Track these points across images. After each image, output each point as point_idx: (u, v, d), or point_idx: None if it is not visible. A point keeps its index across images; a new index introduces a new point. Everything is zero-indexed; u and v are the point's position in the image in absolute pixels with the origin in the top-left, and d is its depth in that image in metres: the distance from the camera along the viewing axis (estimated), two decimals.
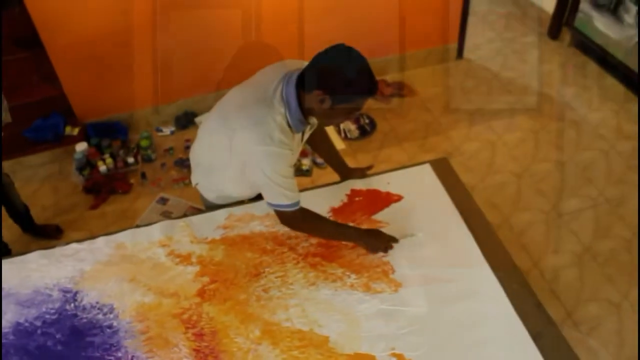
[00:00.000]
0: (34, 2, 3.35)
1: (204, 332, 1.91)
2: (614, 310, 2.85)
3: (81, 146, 3.77)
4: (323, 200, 2.34)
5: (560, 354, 1.80)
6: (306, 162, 3.72)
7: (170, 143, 4.02)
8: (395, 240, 2.11)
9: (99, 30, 3.58)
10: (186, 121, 4.12)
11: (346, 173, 2.44)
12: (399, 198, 2.33)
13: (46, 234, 3.38)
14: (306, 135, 2.11)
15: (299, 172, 3.69)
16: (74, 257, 2.16)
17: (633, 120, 3.98)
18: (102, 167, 3.74)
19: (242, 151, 1.89)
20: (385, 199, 2.33)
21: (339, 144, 3.91)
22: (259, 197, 2.33)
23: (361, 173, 2.43)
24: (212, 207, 2.37)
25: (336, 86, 1.74)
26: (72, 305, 2.01)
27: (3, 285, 2.06)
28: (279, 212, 2.01)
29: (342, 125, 4.02)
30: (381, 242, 2.09)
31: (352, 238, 2.11)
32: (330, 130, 4.02)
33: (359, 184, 2.40)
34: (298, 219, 2.03)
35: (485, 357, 1.79)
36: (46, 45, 3.56)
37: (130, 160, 3.83)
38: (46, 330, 1.94)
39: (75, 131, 3.93)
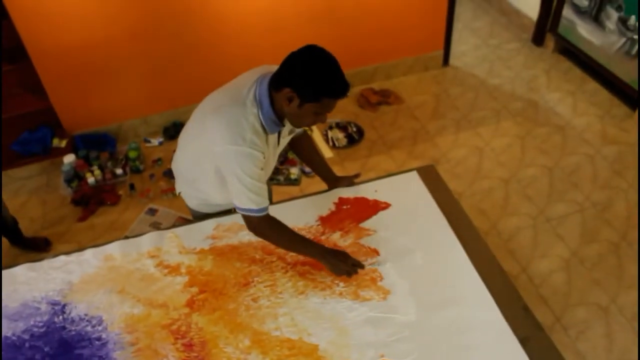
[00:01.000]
0: (20, 14, 3.35)
1: (193, 342, 1.91)
2: (602, 314, 2.87)
3: (69, 158, 3.76)
4: (311, 209, 2.35)
5: (548, 358, 1.81)
6: (295, 171, 3.73)
7: (158, 154, 4.02)
8: (361, 266, 2.04)
9: (85, 41, 3.58)
10: (174, 132, 4.12)
11: (334, 182, 2.45)
12: (386, 206, 2.34)
13: (35, 247, 3.36)
14: (284, 140, 2.11)
15: (288, 180, 3.69)
16: (62, 270, 2.16)
17: (617, 125, 4.02)
18: (91, 179, 3.73)
19: (215, 152, 1.88)
20: (373, 207, 2.34)
21: (327, 152, 3.93)
22: None
23: (349, 181, 2.44)
24: (198, 215, 2.38)
25: (304, 84, 1.75)
26: (61, 317, 2.00)
27: None
28: (245, 217, 1.98)
29: (330, 134, 4.04)
30: (345, 265, 2.00)
31: (316, 255, 2.03)
32: (318, 138, 4.03)
33: (346, 192, 2.41)
34: (264, 226, 2.00)
35: None
36: (32, 57, 3.56)
37: (119, 171, 3.82)
38: (34, 344, 1.93)
39: (63, 143, 3.93)
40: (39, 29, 3.44)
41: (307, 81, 1.75)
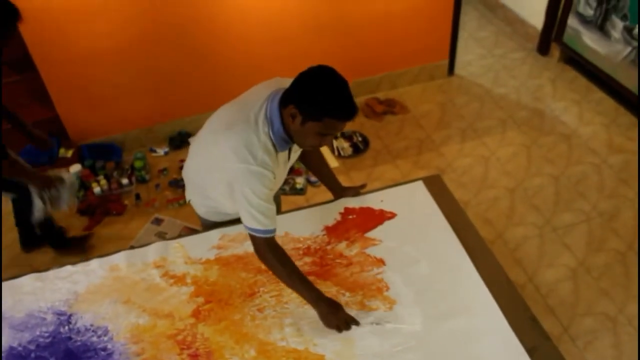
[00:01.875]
0: (27, 24, 3.37)
1: (199, 352, 1.90)
2: (610, 324, 2.85)
3: (75, 168, 3.78)
4: (317, 219, 2.35)
5: None
6: (300, 181, 3.73)
7: (164, 163, 4.03)
8: (355, 322, 1.95)
9: (91, 51, 3.60)
10: (180, 141, 4.13)
11: (339, 192, 2.45)
12: (392, 215, 2.34)
13: (79, 246, 3.37)
14: (293, 156, 2.10)
15: (293, 190, 3.69)
16: (68, 280, 2.16)
17: (623, 134, 4.01)
18: (97, 189, 3.74)
19: (226, 168, 1.88)
20: (378, 217, 2.34)
21: (332, 162, 3.93)
22: None
23: (354, 191, 2.44)
24: (207, 223, 2.37)
25: (307, 102, 1.73)
26: (66, 328, 2.00)
27: None
28: (251, 237, 1.95)
29: (335, 143, 4.04)
30: (336, 318, 1.93)
31: (310, 299, 1.95)
32: (324, 148, 4.03)
33: (352, 202, 2.41)
34: (266, 249, 1.94)
35: None
36: (39, 67, 3.58)
37: (125, 181, 3.83)
38: (40, 354, 1.93)
39: (69, 153, 3.94)
40: (45, 39, 3.46)
41: (310, 99, 1.73)
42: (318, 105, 1.72)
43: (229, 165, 1.85)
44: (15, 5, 2.58)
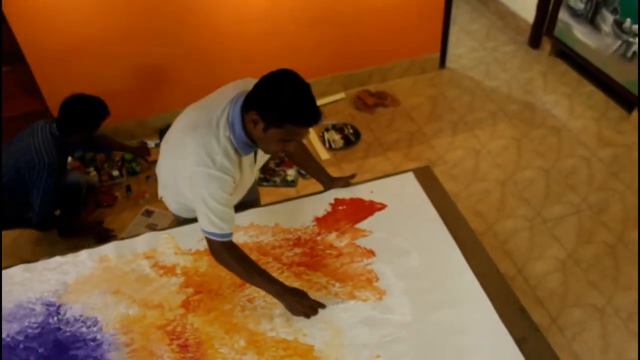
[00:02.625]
0: (16, 16, 3.35)
1: (188, 343, 1.90)
2: (598, 315, 2.87)
3: None
4: (307, 210, 2.35)
5: (544, 359, 1.81)
6: (291, 173, 3.73)
7: (155, 156, 3.94)
8: (322, 306, 1.97)
9: (82, 44, 3.58)
10: None
11: (329, 183, 2.45)
12: (382, 206, 2.34)
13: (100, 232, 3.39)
14: (260, 159, 2.08)
15: (284, 182, 3.69)
16: (57, 271, 2.15)
17: (613, 128, 4.03)
18: None
19: (187, 170, 1.86)
20: (369, 208, 2.34)
21: (323, 154, 3.93)
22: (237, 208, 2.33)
23: (344, 182, 2.44)
24: (179, 219, 2.38)
25: (269, 109, 1.71)
26: (56, 318, 1.99)
27: None
28: (208, 240, 1.94)
29: (326, 135, 4.04)
30: (302, 305, 1.94)
31: (274, 293, 1.96)
32: (315, 140, 4.04)
33: (342, 193, 2.41)
34: (224, 253, 1.93)
35: None
36: (29, 59, 3.55)
37: (115, 173, 3.81)
38: (29, 345, 1.92)
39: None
40: (35, 31, 3.44)
41: (271, 105, 1.70)
42: (279, 112, 1.69)
43: (189, 167, 1.84)
44: (105, 103, 3.02)
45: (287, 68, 1.75)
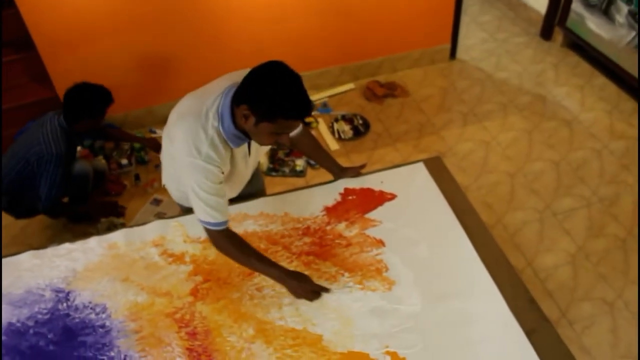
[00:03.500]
0: (27, 3, 3.34)
1: (197, 331, 1.90)
2: (608, 309, 2.85)
3: None
4: (317, 199, 2.34)
5: (553, 350, 1.80)
6: (300, 163, 3.72)
7: None
8: (325, 290, 1.98)
9: (91, 31, 3.58)
10: None
11: (339, 172, 2.43)
12: (392, 197, 2.33)
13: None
14: (257, 150, 2.07)
15: (293, 172, 3.68)
16: (66, 257, 2.16)
17: (625, 120, 3.99)
18: None
19: (179, 160, 1.86)
20: (378, 198, 2.33)
21: (332, 145, 3.91)
22: (241, 198, 2.32)
23: (354, 172, 2.42)
24: (182, 207, 2.38)
25: (259, 103, 1.69)
26: (65, 305, 2.00)
27: None
28: (205, 229, 1.95)
29: (336, 126, 4.02)
30: (304, 288, 1.95)
31: (276, 277, 1.97)
32: (324, 131, 4.02)
33: (352, 183, 2.40)
34: (223, 241, 1.94)
35: (480, 353, 1.79)
36: (38, 46, 3.55)
37: (124, 161, 3.82)
38: (38, 330, 1.93)
39: None
40: (45, 18, 3.44)
41: (262, 100, 1.68)
42: (270, 106, 1.67)
43: (180, 157, 1.84)
44: (109, 90, 3.01)
45: (277, 60, 1.71)
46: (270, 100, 1.67)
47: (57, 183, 2.93)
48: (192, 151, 1.79)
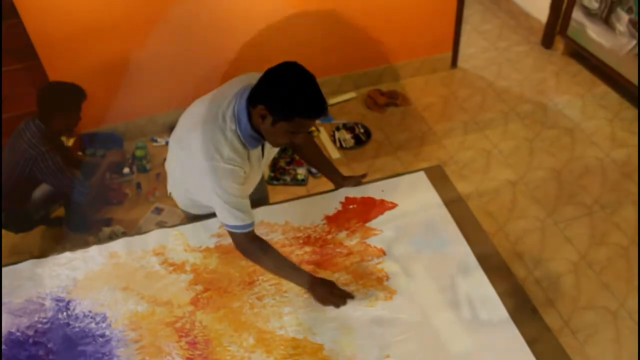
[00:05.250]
0: (30, 13, 3.36)
1: (197, 340, 1.90)
2: (611, 318, 2.84)
3: None
4: (317, 208, 2.34)
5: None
6: (301, 172, 3.72)
7: (165, 153, 3.96)
8: (350, 296, 1.98)
9: (93, 41, 3.59)
10: None
11: (340, 181, 2.44)
12: (393, 205, 2.33)
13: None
14: (268, 153, 2.08)
15: (294, 181, 3.68)
16: (66, 266, 2.16)
17: (627, 128, 3.99)
18: None
19: (197, 166, 1.86)
20: (379, 207, 2.33)
21: (333, 153, 3.91)
22: None
23: (355, 181, 2.42)
24: (189, 215, 2.38)
25: (277, 103, 1.71)
26: (65, 314, 1.99)
27: None
28: (232, 234, 1.96)
29: (337, 135, 4.02)
30: (331, 295, 1.96)
31: (301, 282, 2.00)
32: (326, 139, 4.02)
33: (353, 192, 2.40)
34: (250, 244, 1.97)
35: None
36: (40, 56, 3.56)
37: (125, 170, 3.82)
38: (38, 340, 1.92)
39: (71, 142, 3.92)
40: (47, 27, 3.45)
41: (279, 99, 1.71)
42: (288, 106, 1.70)
43: (198, 163, 1.84)
44: (81, 87, 2.98)
45: (291, 60, 1.74)
46: (287, 100, 1.69)
47: (62, 171, 2.95)
48: (213, 155, 1.80)
